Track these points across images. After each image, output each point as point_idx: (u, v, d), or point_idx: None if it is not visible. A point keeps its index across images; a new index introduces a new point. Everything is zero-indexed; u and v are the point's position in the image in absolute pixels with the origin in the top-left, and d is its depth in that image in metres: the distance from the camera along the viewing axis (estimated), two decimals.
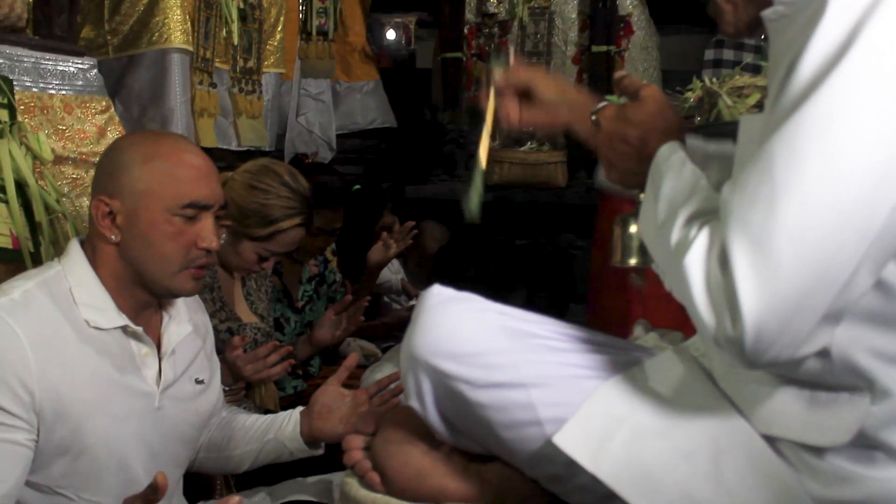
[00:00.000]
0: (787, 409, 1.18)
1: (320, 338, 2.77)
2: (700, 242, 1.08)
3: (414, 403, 1.38)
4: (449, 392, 1.34)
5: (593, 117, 1.37)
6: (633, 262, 1.41)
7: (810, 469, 1.17)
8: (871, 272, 1.02)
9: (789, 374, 1.16)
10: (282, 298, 3.05)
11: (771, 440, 1.20)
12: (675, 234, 1.13)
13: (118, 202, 1.70)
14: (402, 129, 5.73)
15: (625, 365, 1.34)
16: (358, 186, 4.26)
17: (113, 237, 1.71)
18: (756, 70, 3.44)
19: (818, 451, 1.16)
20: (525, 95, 1.52)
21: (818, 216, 0.99)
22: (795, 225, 0.99)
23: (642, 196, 1.29)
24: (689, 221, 1.13)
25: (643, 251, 1.36)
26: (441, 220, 4.43)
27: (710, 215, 1.12)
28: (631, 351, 1.43)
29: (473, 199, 1.53)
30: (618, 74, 1.38)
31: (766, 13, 1.21)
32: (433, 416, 1.39)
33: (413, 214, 4.34)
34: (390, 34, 6.87)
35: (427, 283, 3.61)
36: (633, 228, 1.39)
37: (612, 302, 2.68)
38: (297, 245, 2.54)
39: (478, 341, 1.33)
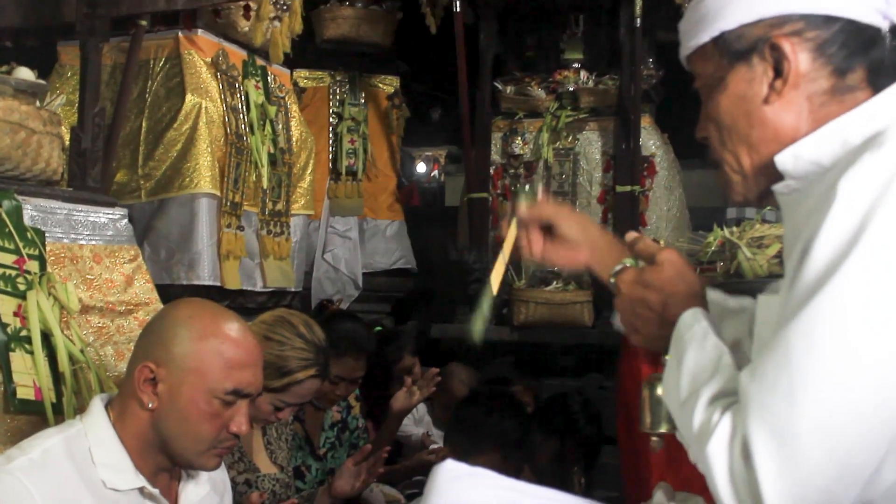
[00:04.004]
0: None
1: (340, 489, 2.72)
2: (722, 430, 1.06)
3: None
4: None
5: (612, 280, 1.36)
6: (663, 429, 1.37)
7: None
8: None
9: None
10: (303, 446, 3.02)
11: None
12: (698, 416, 1.11)
13: (164, 371, 1.70)
14: (429, 267, 5.78)
15: None
16: (380, 328, 4.26)
17: (150, 404, 1.71)
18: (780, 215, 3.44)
19: None
20: (548, 230, 1.54)
21: (839, 408, 0.97)
22: (817, 417, 0.98)
23: (667, 357, 1.27)
24: (712, 403, 1.11)
25: (672, 417, 1.32)
26: (467, 360, 4.40)
27: (732, 397, 1.10)
28: None
29: (478, 323, 1.55)
30: (630, 237, 1.35)
31: (778, 187, 1.22)
32: None
33: (438, 354, 4.32)
34: (420, 167, 7.02)
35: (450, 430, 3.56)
36: (660, 391, 1.33)
37: (635, 459, 2.64)
38: (312, 396, 2.53)
39: None
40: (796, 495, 0.97)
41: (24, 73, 2.32)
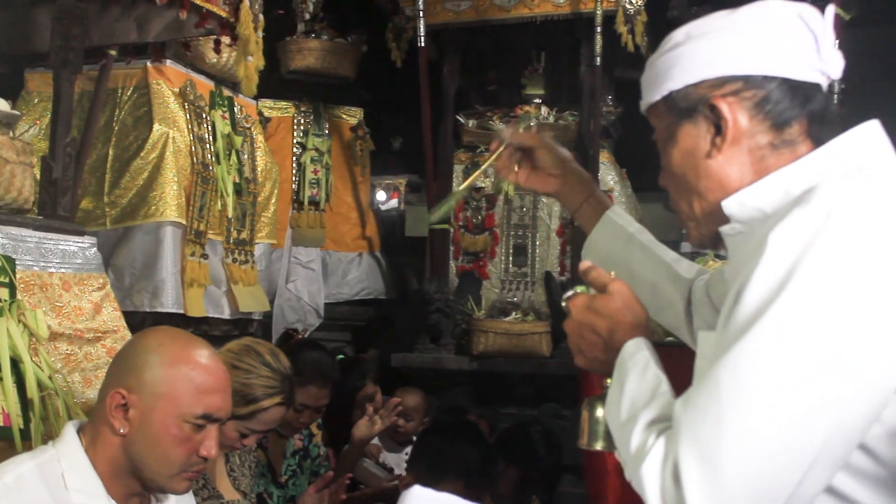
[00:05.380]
0: None
1: None
2: (656, 453, 1.15)
3: None
4: None
5: (564, 304, 1.43)
6: (598, 446, 1.43)
7: None
8: (817, 485, 1.10)
9: None
10: (266, 473, 3.04)
11: None
12: (635, 439, 1.20)
13: (135, 397, 1.74)
14: (390, 296, 5.83)
15: None
16: (342, 356, 4.29)
17: (122, 430, 1.74)
18: None
19: None
20: (528, 159, 1.76)
21: (760, 438, 1.07)
22: (740, 444, 1.07)
23: (609, 381, 1.35)
24: (648, 427, 1.20)
25: (609, 435, 1.38)
26: (426, 390, 4.44)
27: (667, 423, 1.19)
28: None
29: (442, 207, 1.84)
30: (583, 266, 1.42)
31: (724, 229, 1.32)
32: None
33: (397, 383, 4.36)
34: (380, 195, 7.06)
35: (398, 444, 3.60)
36: (599, 412, 1.40)
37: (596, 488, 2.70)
38: (278, 423, 2.56)
39: None
40: None
41: None
